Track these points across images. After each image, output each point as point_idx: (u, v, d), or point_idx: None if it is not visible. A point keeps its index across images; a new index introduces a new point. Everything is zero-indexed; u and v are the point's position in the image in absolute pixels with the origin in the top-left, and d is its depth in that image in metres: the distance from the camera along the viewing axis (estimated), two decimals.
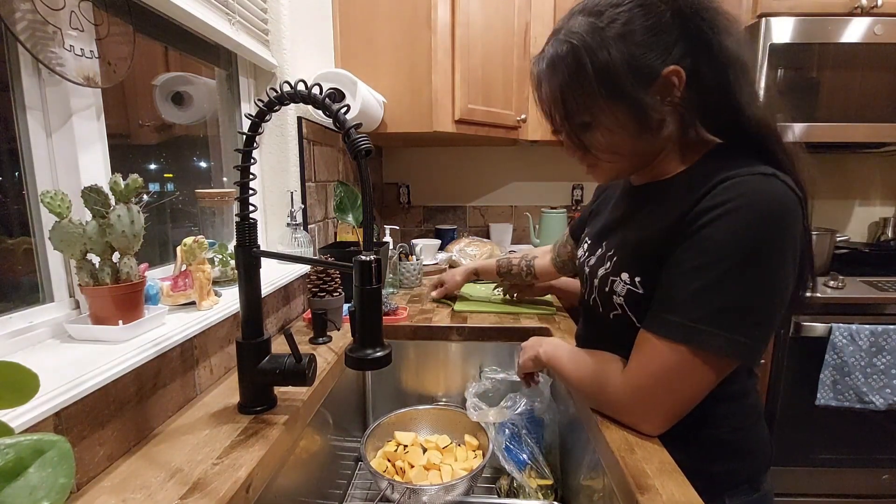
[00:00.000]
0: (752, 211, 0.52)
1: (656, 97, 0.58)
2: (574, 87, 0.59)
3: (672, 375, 0.56)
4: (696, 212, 0.56)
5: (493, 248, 1.88)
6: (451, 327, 1.15)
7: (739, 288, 0.53)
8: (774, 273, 0.53)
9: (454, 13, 1.51)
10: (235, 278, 0.76)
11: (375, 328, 0.55)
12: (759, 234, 0.52)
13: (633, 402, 0.61)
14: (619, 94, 0.58)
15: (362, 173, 0.52)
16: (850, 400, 1.46)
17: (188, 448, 0.61)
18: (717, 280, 0.53)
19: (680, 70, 0.57)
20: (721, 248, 0.53)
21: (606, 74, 0.57)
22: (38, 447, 0.26)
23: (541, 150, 2.19)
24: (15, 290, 0.67)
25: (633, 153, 0.64)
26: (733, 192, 0.54)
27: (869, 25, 1.53)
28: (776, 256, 0.53)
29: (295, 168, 1.24)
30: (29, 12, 0.60)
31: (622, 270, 0.65)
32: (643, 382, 0.59)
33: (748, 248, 0.52)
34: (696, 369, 0.55)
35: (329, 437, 0.95)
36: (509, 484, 0.97)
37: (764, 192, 0.53)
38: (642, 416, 0.61)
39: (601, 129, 0.61)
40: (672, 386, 0.57)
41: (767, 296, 0.54)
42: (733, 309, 0.53)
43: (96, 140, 0.73)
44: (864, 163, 2.05)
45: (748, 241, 0.52)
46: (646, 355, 0.59)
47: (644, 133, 0.61)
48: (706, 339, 0.54)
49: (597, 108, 0.60)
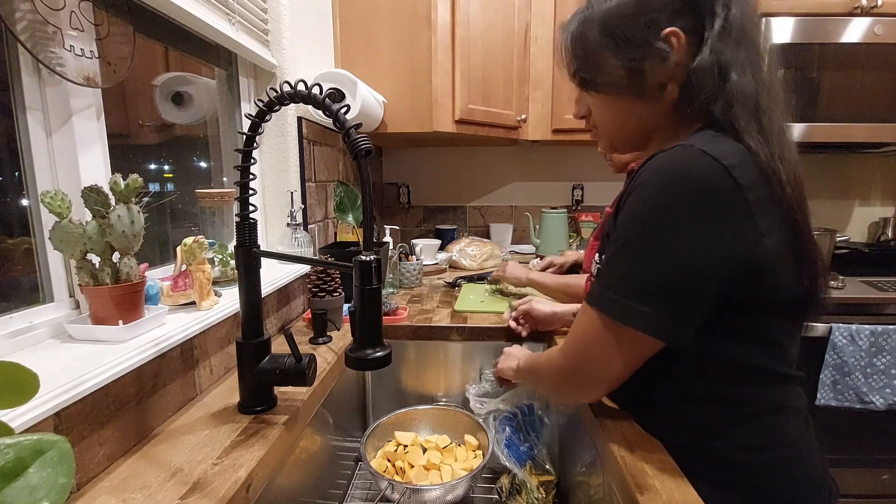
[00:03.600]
0: (655, 181, 0.53)
1: (655, 58, 0.57)
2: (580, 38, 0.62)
3: (589, 340, 0.58)
4: (627, 190, 0.58)
5: (494, 248, 1.88)
6: (451, 327, 1.15)
7: (637, 257, 0.54)
8: (674, 243, 0.52)
9: (454, 13, 1.51)
10: (235, 278, 0.76)
11: (375, 328, 0.55)
12: (658, 205, 0.52)
13: (564, 370, 0.62)
14: (617, 47, 0.59)
15: (362, 173, 0.52)
16: (850, 400, 1.46)
17: (188, 448, 0.61)
18: (620, 249, 0.55)
19: (679, 32, 0.56)
20: (628, 220, 0.55)
21: (609, 21, 0.59)
22: (38, 447, 0.26)
23: (541, 150, 2.19)
24: (15, 290, 0.67)
25: (625, 122, 0.65)
26: (649, 166, 0.55)
27: (869, 25, 1.53)
28: (675, 226, 0.51)
29: (295, 168, 1.24)
30: (29, 12, 0.60)
31: (598, 252, 0.68)
32: (569, 348, 0.61)
33: (648, 219, 0.53)
34: (605, 336, 0.56)
35: (329, 437, 0.95)
36: (510, 482, 0.97)
37: (674, 162, 0.53)
38: (571, 381, 0.62)
39: (599, 88, 0.63)
40: (590, 350, 0.58)
41: (666, 266, 0.52)
42: (631, 277, 0.54)
43: (96, 140, 0.73)
44: (864, 163, 2.05)
45: (648, 212, 0.53)
46: (576, 322, 0.61)
47: (639, 97, 0.61)
48: (610, 305, 0.55)
49: (597, 63, 0.61)
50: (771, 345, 0.58)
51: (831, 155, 2.02)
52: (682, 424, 0.60)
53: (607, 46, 0.59)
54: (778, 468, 0.57)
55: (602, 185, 2.22)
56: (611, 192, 2.20)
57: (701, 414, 0.59)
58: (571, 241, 1.99)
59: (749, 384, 0.58)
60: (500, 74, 1.69)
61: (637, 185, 0.55)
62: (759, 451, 0.57)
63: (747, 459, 0.56)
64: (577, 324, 0.60)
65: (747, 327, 0.56)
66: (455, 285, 1.56)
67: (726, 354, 0.57)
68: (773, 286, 0.54)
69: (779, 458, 0.57)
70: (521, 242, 2.26)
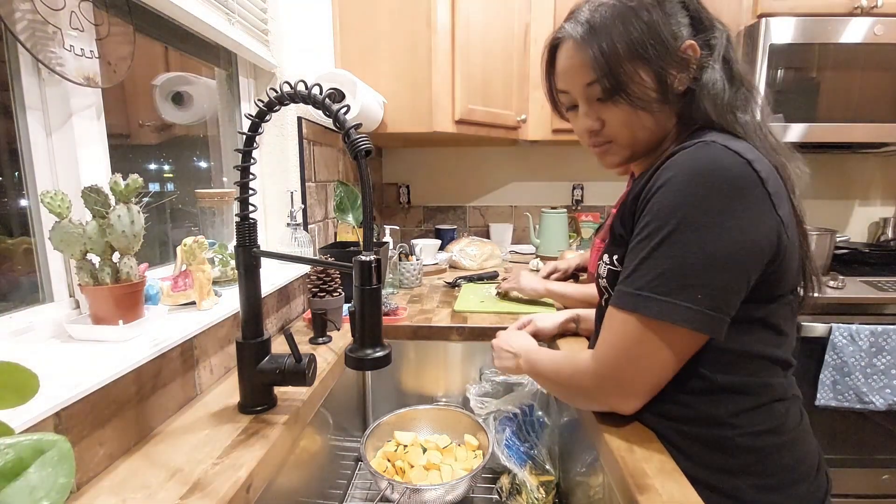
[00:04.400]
0: (687, 176, 0.54)
1: (678, 68, 0.60)
2: (612, 48, 0.59)
3: (629, 345, 0.56)
4: (647, 188, 0.58)
5: (494, 248, 1.88)
6: (451, 327, 1.15)
7: (675, 252, 0.53)
8: (713, 235, 0.52)
9: (454, 13, 1.51)
10: (235, 278, 0.76)
11: (375, 328, 0.55)
12: (692, 198, 0.53)
13: (602, 379, 0.60)
14: (655, 56, 0.59)
15: (362, 173, 0.52)
16: (850, 400, 1.46)
17: (188, 448, 0.61)
18: (655, 247, 0.55)
19: (695, 45, 0.60)
20: (659, 216, 0.55)
21: (646, 36, 0.58)
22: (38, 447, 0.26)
23: (541, 150, 2.19)
24: (15, 289, 0.67)
25: (645, 130, 0.64)
26: (676, 162, 0.56)
27: (869, 26, 1.53)
28: (712, 217, 0.52)
29: (295, 168, 1.24)
30: (29, 12, 0.60)
31: (604, 253, 0.68)
32: (607, 356, 0.59)
33: (682, 213, 0.53)
34: (648, 338, 0.55)
35: (329, 437, 0.95)
36: (510, 482, 0.97)
37: (703, 158, 0.54)
38: (613, 391, 0.60)
39: (628, 99, 0.61)
40: (631, 355, 0.57)
41: (706, 258, 0.53)
42: (670, 273, 0.53)
43: (96, 140, 0.73)
44: (864, 163, 2.05)
45: (682, 206, 0.53)
46: (606, 329, 0.59)
47: (662, 106, 0.62)
48: (649, 305, 0.54)
49: (631, 73, 0.60)
50: (778, 333, 0.60)
51: (831, 155, 2.02)
52: (695, 416, 0.60)
53: (642, 56, 0.59)
54: (784, 449, 0.59)
55: (602, 185, 2.22)
56: (611, 192, 2.21)
57: (715, 405, 0.59)
58: (571, 241, 1.99)
59: (763, 374, 0.59)
60: (500, 74, 1.69)
61: (666, 181, 0.55)
62: (767, 434, 0.59)
63: (756, 443, 0.58)
64: (610, 331, 0.59)
65: (759, 316, 0.58)
66: (455, 285, 1.56)
67: (742, 345, 0.58)
68: (784, 274, 0.57)
69: (785, 441, 0.59)
70: (521, 242, 2.26)
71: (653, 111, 0.62)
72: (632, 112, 0.62)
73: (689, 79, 0.61)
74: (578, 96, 0.65)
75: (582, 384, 0.63)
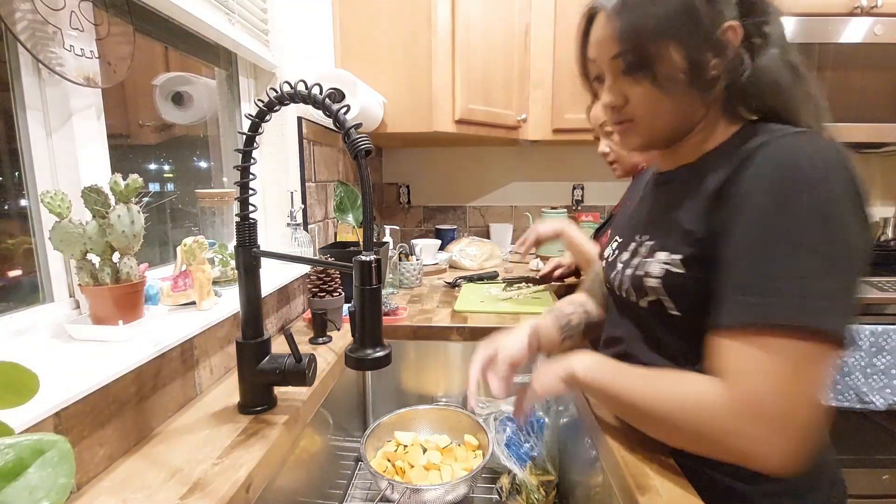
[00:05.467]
0: (798, 170, 0.48)
1: (714, 51, 0.55)
2: (641, 23, 0.55)
3: (788, 372, 0.45)
4: (740, 182, 0.52)
5: (494, 248, 1.88)
6: (451, 327, 1.15)
7: (821, 256, 0.46)
8: (855, 233, 0.47)
9: (454, 13, 1.51)
10: (235, 278, 0.76)
11: (375, 328, 0.55)
12: (814, 191, 0.47)
13: (750, 421, 0.46)
14: (686, 36, 0.54)
15: (362, 173, 0.52)
16: (850, 400, 1.46)
17: (188, 448, 0.61)
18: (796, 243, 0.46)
19: (737, 26, 0.55)
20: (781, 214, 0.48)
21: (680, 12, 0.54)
22: (38, 447, 0.26)
23: (541, 150, 2.19)
24: (15, 290, 0.67)
25: (668, 114, 0.59)
26: (772, 155, 0.50)
27: (869, 25, 1.53)
28: (843, 208, 0.47)
29: (295, 168, 1.24)
30: (29, 12, 0.59)
31: (658, 250, 0.60)
32: (758, 389, 0.46)
33: (808, 208, 0.47)
34: (816, 356, 0.45)
35: (329, 437, 0.95)
36: (510, 482, 0.97)
37: (820, 150, 0.49)
38: (766, 438, 0.45)
39: (652, 77, 0.57)
40: (790, 388, 0.45)
41: (852, 261, 0.47)
42: (827, 274, 0.46)
43: (96, 140, 0.73)
44: (864, 163, 2.05)
45: (804, 202, 0.47)
46: (746, 356, 0.47)
47: (692, 90, 0.57)
48: (822, 315, 0.45)
49: (658, 51, 0.55)
50: None
51: None
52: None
53: (672, 34, 0.54)
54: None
55: (602, 185, 2.22)
56: (611, 192, 2.21)
57: None
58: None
59: None
60: (501, 74, 1.69)
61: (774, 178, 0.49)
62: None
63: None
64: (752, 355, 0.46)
65: None
66: (455, 285, 1.56)
67: None
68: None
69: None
70: None
71: (678, 94, 0.57)
72: (655, 92, 0.57)
73: (723, 64, 0.56)
74: (605, 68, 0.62)
75: (715, 427, 0.48)
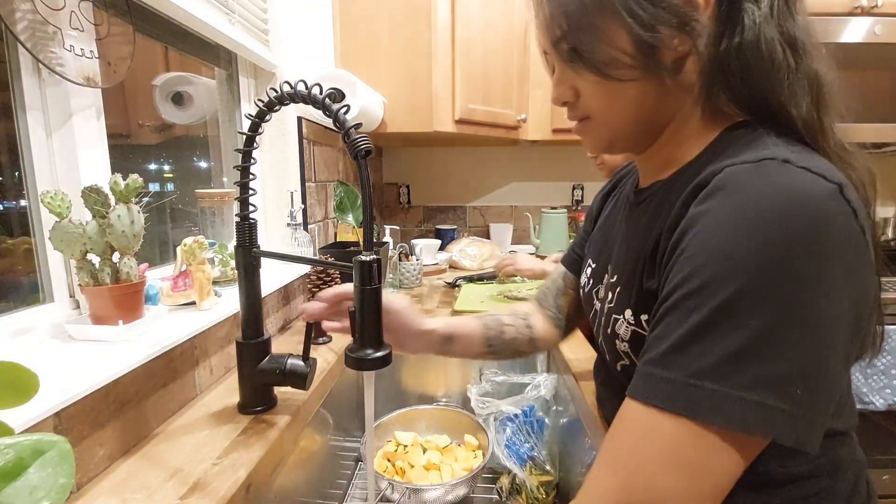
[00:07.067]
0: (758, 209, 0.35)
1: (676, 23, 0.42)
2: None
3: (678, 459, 0.35)
4: (688, 216, 0.39)
5: (494, 248, 1.88)
6: None
7: (757, 321, 0.34)
8: (812, 295, 0.34)
9: (454, 12, 1.51)
10: (235, 278, 0.76)
11: (375, 328, 0.55)
12: (774, 242, 0.34)
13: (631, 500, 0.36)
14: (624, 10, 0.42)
15: (362, 173, 0.52)
16: None
17: (188, 448, 0.61)
18: (720, 309, 0.35)
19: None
20: (723, 262, 0.35)
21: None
22: (38, 447, 0.26)
23: (541, 150, 2.19)
24: (15, 290, 0.67)
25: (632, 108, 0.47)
26: (730, 183, 0.38)
27: (869, 25, 1.53)
28: (815, 267, 0.34)
29: (295, 168, 1.24)
30: (29, 12, 0.59)
31: (625, 307, 0.50)
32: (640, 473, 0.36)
33: (761, 261, 0.34)
34: (708, 446, 0.35)
35: (329, 437, 0.95)
36: (510, 482, 0.97)
37: (779, 185, 0.36)
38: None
39: (593, 64, 0.45)
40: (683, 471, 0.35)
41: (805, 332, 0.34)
42: (750, 353, 0.34)
43: (96, 140, 0.73)
44: None
45: (760, 252, 0.34)
46: (631, 432, 0.38)
47: (649, 76, 0.44)
48: (719, 405, 0.34)
49: (595, 32, 0.44)
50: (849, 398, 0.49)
51: None
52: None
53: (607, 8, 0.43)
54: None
55: (602, 185, 2.22)
56: None
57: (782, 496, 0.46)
58: (572, 242, 1.99)
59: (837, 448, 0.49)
60: (500, 74, 1.69)
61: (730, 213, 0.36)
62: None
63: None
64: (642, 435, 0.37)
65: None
66: (455, 285, 1.56)
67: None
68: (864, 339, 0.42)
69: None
70: (521, 242, 2.25)
71: (633, 82, 0.45)
72: (603, 82, 0.46)
73: (694, 42, 0.42)
74: (552, 58, 0.51)
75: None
